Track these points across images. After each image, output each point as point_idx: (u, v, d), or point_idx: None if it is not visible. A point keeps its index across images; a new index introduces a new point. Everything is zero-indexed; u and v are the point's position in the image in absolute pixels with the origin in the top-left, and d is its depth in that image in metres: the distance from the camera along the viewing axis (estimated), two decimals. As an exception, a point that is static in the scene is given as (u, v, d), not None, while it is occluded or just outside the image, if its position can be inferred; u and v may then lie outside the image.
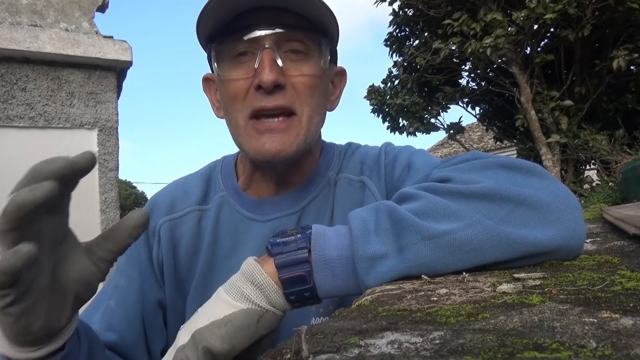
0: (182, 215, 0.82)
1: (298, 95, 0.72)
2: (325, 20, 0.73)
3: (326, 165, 0.83)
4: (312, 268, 0.56)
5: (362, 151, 0.85)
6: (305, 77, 0.72)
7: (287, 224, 0.77)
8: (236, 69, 0.72)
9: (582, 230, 0.57)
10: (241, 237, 0.79)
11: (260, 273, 0.56)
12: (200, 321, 0.55)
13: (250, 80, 0.71)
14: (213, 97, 0.82)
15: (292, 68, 0.72)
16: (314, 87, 0.74)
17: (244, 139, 0.73)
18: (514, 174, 0.58)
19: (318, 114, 0.76)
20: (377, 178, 0.79)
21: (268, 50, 0.70)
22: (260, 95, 0.70)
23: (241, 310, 0.55)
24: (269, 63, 0.69)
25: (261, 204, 0.80)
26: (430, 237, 0.53)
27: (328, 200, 0.79)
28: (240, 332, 0.54)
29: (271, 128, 0.71)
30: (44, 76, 2.88)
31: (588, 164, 6.61)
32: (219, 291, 0.58)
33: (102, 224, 2.94)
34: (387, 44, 8.03)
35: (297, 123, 0.72)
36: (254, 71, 0.70)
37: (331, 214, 0.78)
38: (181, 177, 0.91)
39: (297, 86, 0.72)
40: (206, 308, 0.57)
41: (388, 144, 0.86)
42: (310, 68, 0.73)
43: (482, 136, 16.01)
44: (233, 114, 0.73)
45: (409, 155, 0.79)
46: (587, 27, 5.49)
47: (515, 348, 0.29)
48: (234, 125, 0.74)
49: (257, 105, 0.70)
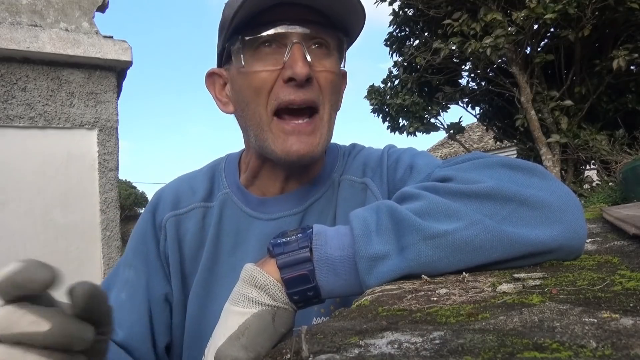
0: (186, 212, 0.83)
1: (322, 91, 0.73)
2: (349, 18, 0.74)
3: (331, 166, 0.84)
4: (314, 267, 0.56)
5: (365, 153, 0.85)
6: (328, 72, 0.73)
7: (289, 224, 0.77)
8: (263, 60, 0.72)
9: (583, 230, 0.57)
10: (243, 234, 0.79)
11: (262, 274, 0.56)
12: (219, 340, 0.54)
13: (278, 73, 0.71)
14: (219, 92, 0.82)
15: (317, 64, 0.72)
16: (335, 83, 0.75)
17: (269, 136, 0.72)
18: (516, 174, 0.58)
19: (335, 112, 0.77)
20: (379, 180, 0.79)
21: (298, 44, 0.70)
22: (290, 88, 0.70)
23: (253, 314, 0.54)
24: (301, 56, 0.69)
25: (265, 203, 0.80)
26: (431, 237, 0.53)
27: (331, 201, 0.80)
28: (260, 336, 0.53)
29: (299, 130, 0.71)
30: (44, 76, 2.88)
31: (588, 164, 6.61)
32: (226, 306, 0.58)
33: (102, 224, 2.94)
34: (387, 44, 8.03)
35: (319, 122, 0.73)
36: (283, 64, 0.70)
37: (334, 216, 0.78)
38: (186, 174, 0.91)
39: (321, 81, 0.73)
40: (219, 327, 0.57)
41: (391, 146, 0.86)
42: (333, 65, 0.74)
43: (482, 136, 16.00)
44: (255, 109, 0.73)
45: (412, 157, 0.79)
46: (587, 27, 5.48)
47: (515, 348, 0.29)
48: (256, 120, 0.73)
49: (286, 98, 0.70)
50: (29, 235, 2.76)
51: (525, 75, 6.33)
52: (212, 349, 0.55)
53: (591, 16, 5.41)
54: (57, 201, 2.84)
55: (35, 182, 2.79)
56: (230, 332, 0.54)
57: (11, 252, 2.70)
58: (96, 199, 2.94)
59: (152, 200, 0.87)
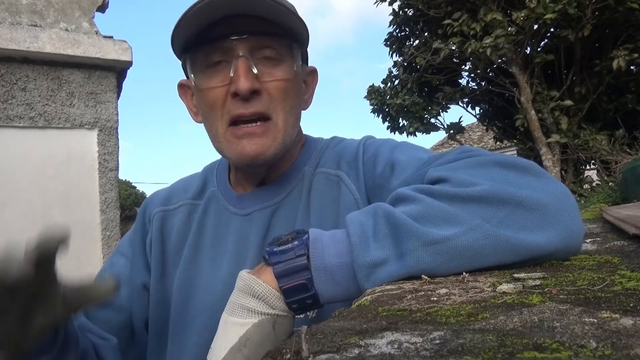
0: (175, 208, 0.88)
1: (272, 100, 0.74)
2: (295, 26, 0.76)
3: (304, 160, 0.84)
4: (313, 275, 0.55)
5: (342, 145, 0.85)
6: (279, 81, 0.75)
7: (260, 218, 0.79)
8: (212, 77, 0.74)
9: (580, 230, 0.57)
10: (223, 229, 0.81)
11: (258, 284, 0.56)
12: (219, 354, 0.54)
13: (227, 88, 0.73)
14: (190, 102, 0.85)
15: (266, 74, 0.74)
16: (288, 90, 0.76)
17: (224, 145, 0.76)
18: (510, 173, 0.58)
19: (292, 116, 0.78)
20: (355, 174, 0.79)
21: (242, 58, 0.72)
22: (238, 102, 0.72)
23: (253, 325, 0.54)
24: (244, 71, 0.71)
25: (242, 198, 0.83)
26: (431, 243, 0.53)
27: (303, 194, 0.80)
28: (262, 346, 0.53)
29: (249, 132, 0.73)
30: (44, 76, 2.88)
31: (588, 164, 6.61)
32: (224, 317, 0.57)
33: (102, 224, 2.94)
34: (387, 44, 8.03)
35: (272, 126, 0.75)
36: (230, 79, 0.72)
37: (307, 209, 0.78)
38: (188, 175, 0.96)
39: (271, 91, 0.74)
40: (218, 340, 0.56)
41: (368, 138, 0.85)
42: (284, 73, 0.75)
43: (482, 136, 16.00)
44: (212, 122, 0.76)
45: (391, 151, 0.78)
46: (587, 27, 5.49)
47: (515, 348, 0.29)
48: (214, 132, 0.77)
49: (235, 112, 0.73)
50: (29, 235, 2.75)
51: (525, 75, 6.33)
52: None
53: (591, 16, 5.41)
54: (57, 201, 2.83)
55: (35, 182, 2.79)
56: (231, 344, 0.53)
57: (11, 252, 2.70)
58: (96, 199, 2.94)
59: (146, 199, 0.94)
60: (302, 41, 0.80)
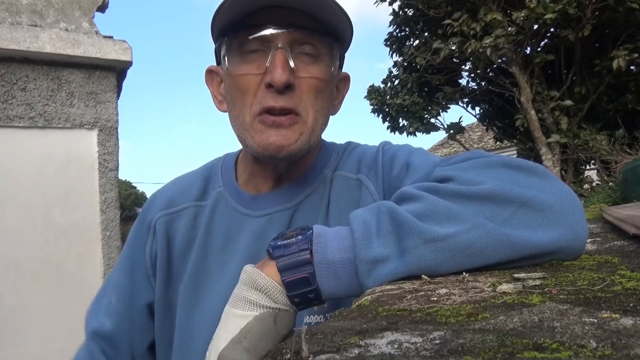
0: (178, 211, 0.84)
1: (304, 98, 0.72)
2: (339, 24, 0.74)
3: (323, 162, 0.84)
4: (315, 270, 0.55)
5: (360, 150, 0.85)
6: (313, 79, 0.73)
7: (280, 219, 0.77)
8: (247, 64, 0.72)
9: (584, 232, 0.56)
10: (234, 232, 0.79)
11: (262, 277, 0.56)
12: (219, 344, 0.54)
13: (261, 77, 0.71)
14: (216, 90, 0.82)
15: (302, 69, 0.72)
16: (321, 90, 0.74)
17: (248, 134, 0.73)
18: (517, 174, 0.58)
19: (322, 117, 0.76)
20: (374, 177, 0.79)
21: (281, 49, 0.70)
22: (270, 93, 0.70)
23: (255, 317, 0.54)
24: (282, 63, 0.69)
25: (256, 200, 0.81)
26: (432, 241, 0.53)
27: (323, 197, 0.79)
28: (262, 339, 0.53)
29: (278, 122, 0.71)
30: (44, 76, 2.88)
31: (588, 164, 6.61)
32: (226, 309, 0.57)
33: (102, 224, 2.94)
34: (387, 44, 8.03)
35: (302, 123, 0.73)
36: (265, 69, 0.71)
37: (326, 211, 0.78)
38: (183, 174, 0.92)
39: (304, 88, 0.72)
40: (220, 330, 0.56)
41: (386, 143, 0.86)
42: (320, 71, 0.74)
43: (482, 136, 16.00)
44: (241, 109, 0.74)
45: (408, 154, 0.79)
46: (587, 27, 5.48)
47: (515, 348, 0.29)
48: (241, 120, 0.74)
49: (266, 104, 0.71)
50: (29, 235, 2.76)
51: (525, 75, 6.33)
52: (213, 352, 0.55)
53: (591, 16, 5.41)
54: (57, 201, 2.83)
55: (35, 182, 2.79)
56: (231, 335, 0.53)
57: (11, 253, 2.70)
58: (96, 199, 2.94)
59: (146, 202, 0.89)
60: (343, 42, 0.78)
